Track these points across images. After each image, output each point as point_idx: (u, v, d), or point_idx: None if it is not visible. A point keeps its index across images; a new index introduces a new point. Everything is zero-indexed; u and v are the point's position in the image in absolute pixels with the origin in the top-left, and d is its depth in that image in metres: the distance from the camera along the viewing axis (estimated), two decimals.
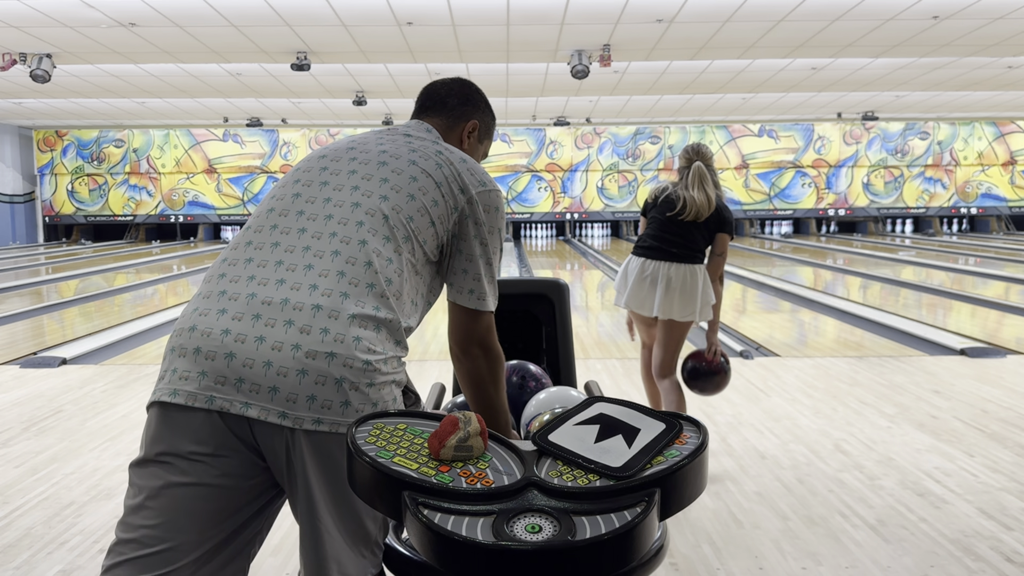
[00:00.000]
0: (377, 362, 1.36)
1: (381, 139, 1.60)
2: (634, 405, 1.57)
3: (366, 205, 1.46)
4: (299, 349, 1.31)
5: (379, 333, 1.38)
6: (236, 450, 1.34)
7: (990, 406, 4.20)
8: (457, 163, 1.56)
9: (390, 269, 1.43)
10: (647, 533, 1.26)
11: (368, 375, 1.35)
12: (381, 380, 1.38)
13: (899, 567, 2.43)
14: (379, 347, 1.38)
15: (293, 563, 2.49)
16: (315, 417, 1.31)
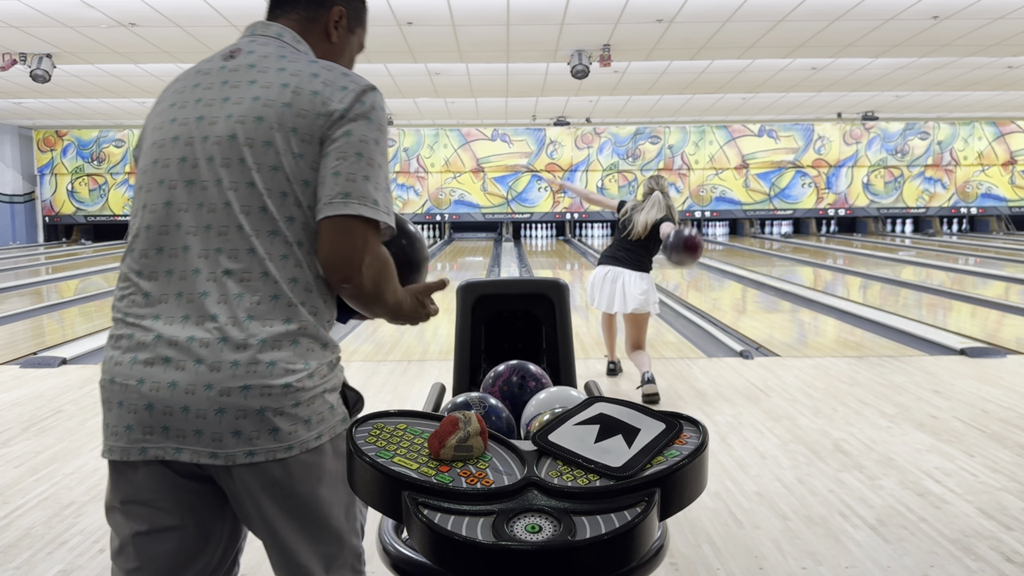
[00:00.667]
0: (299, 380, 1.28)
1: (226, 95, 1.34)
2: (634, 405, 1.57)
3: (239, 202, 1.30)
4: (212, 389, 1.24)
5: (296, 347, 1.29)
6: (189, 489, 1.31)
7: (990, 406, 4.20)
8: (307, 83, 1.32)
9: (289, 266, 1.31)
10: (647, 533, 1.27)
11: (291, 396, 1.28)
12: (309, 396, 1.30)
13: (899, 567, 2.43)
14: (298, 363, 1.29)
15: None
16: (246, 450, 1.25)
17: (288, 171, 1.29)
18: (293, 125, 1.30)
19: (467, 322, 2.63)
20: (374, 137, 1.32)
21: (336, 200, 1.27)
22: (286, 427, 1.27)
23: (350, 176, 1.28)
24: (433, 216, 19.36)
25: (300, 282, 1.31)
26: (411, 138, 19.25)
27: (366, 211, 1.28)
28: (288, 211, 1.30)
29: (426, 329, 7.00)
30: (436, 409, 2.35)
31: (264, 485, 1.28)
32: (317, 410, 1.31)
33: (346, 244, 1.28)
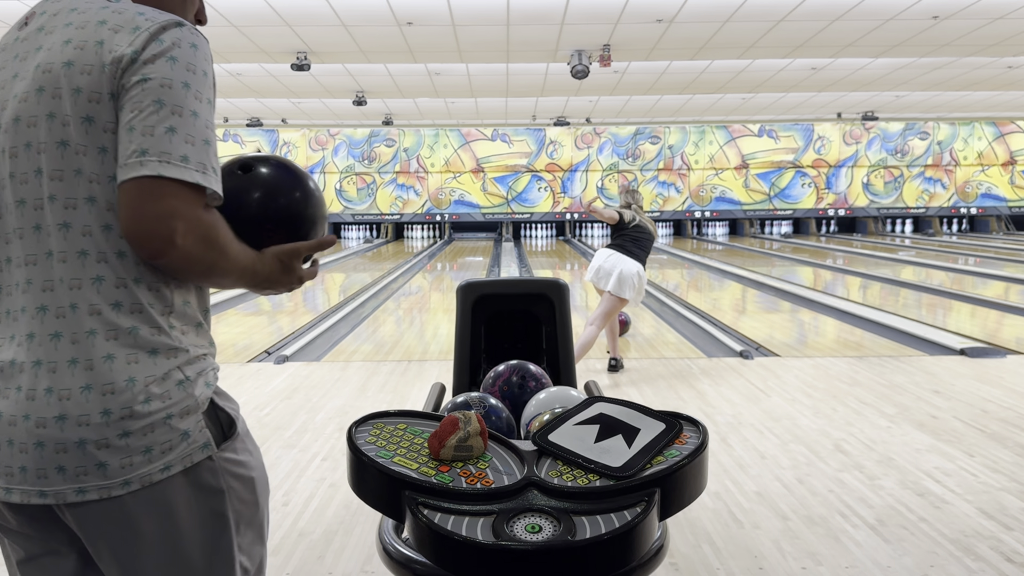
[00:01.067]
0: (124, 406, 1.05)
1: (15, 71, 1.13)
2: (634, 405, 1.57)
3: (31, 197, 1.08)
4: (29, 419, 1.06)
5: (113, 362, 1.06)
6: (49, 518, 1.13)
7: (990, 406, 4.20)
8: (92, 33, 1.08)
9: (89, 263, 1.07)
10: (647, 533, 1.27)
11: (116, 426, 1.05)
12: (143, 424, 1.06)
13: (899, 567, 2.43)
14: (121, 378, 1.06)
15: (293, 563, 2.49)
16: (76, 487, 1.06)
17: (76, 143, 1.06)
18: (77, 86, 1.06)
19: (467, 322, 2.63)
20: (181, 80, 1.05)
21: (131, 161, 1.02)
22: (116, 461, 1.05)
23: (147, 129, 1.03)
24: (433, 216, 19.36)
25: (110, 279, 1.07)
26: (411, 138, 19.25)
27: (169, 170, 1.02)
28: (86, 191, 1.06)
29: (426, 329, 7.00)
30: (436, 409, 2.35)
31: (103, 525, 1.08)
32: (160, 439, 1.07)
33: (148, 212, 1.02)
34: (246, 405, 4.31)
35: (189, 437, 1.10)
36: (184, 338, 1.13)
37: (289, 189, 1.25)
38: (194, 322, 1.16)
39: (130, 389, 1.06)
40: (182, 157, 1.04)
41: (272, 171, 1.26)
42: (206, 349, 1.18)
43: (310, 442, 3.67)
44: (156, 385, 1.07)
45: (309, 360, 5.55)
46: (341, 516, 2.83)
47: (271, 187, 1.23)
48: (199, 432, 1.11)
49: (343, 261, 14.05)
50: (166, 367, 1.09)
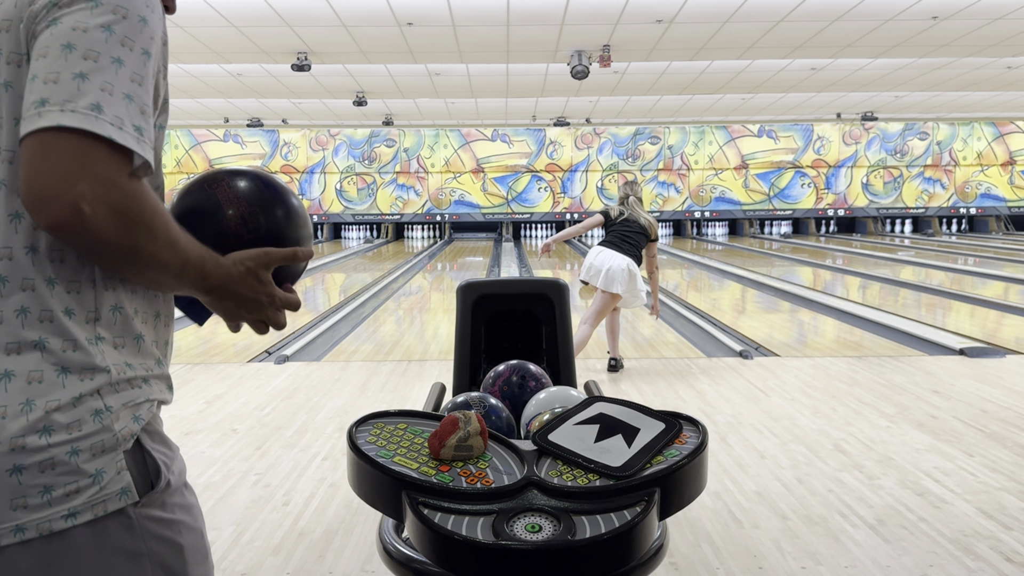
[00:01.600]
0: (15, 435, 0.84)
1: None
2: (634, 405, 1.57)
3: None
4: None
5: (9, 381, 0.86)
6: None
7: (989, 406, 4.21)
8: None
9: (20, 257, 0.89)
10: (647, 532, 1.27)
11: (4, 459, 0.84)
12: (39, 459, 0.85)
13: (898, 567, 2.44)
14: (16, 401, 0.86)
15: (293, 563, 2.50)
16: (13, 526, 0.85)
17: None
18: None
19: (467, 322, 2.64)
20: (99, 22, 0.86)
21: (29, 114, 0.83)
22: (3, 502, 0.84)
23: (49, 76, 0.84)
24: (433, 216, 19.36)
25: (14, 279, 0.89)
26: (411, 138, 19.26)
27: (73, 119, 0.82)
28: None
29: (426, 329, 7.00)
30: (436, 409, 2.36)
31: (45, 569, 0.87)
32: (62, 479, 0.86)
33: (45, 170, 0.81)
34: (246, 405, 4.32)
35: (102, 480, 0.88)
36: (111, 355, 0.91)
37: (269, 206, 1.09)
38: (131, 335, 0.94)
39: (25, 415, 0.85)
40: (92, 105, 0.83)
41: (248, 185, 1.09)
42: (145, 372, 0.96)
43: (310, 442, 3.68)
44: (61, 413, 0.86)
45: (309, 360, 5.56)
46: (341, 516, 2.83)
47: (246, 203, 1.07)
48: (116, 475, 0.89)
49: (343, 261, 14.06)
50: (78, 390, 0.87)
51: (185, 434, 3.81)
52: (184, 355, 5.72)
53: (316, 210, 19.37)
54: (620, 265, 4.97)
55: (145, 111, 0.89)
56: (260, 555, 2.54)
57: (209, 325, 7.19)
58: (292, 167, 19.28)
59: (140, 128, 0.87)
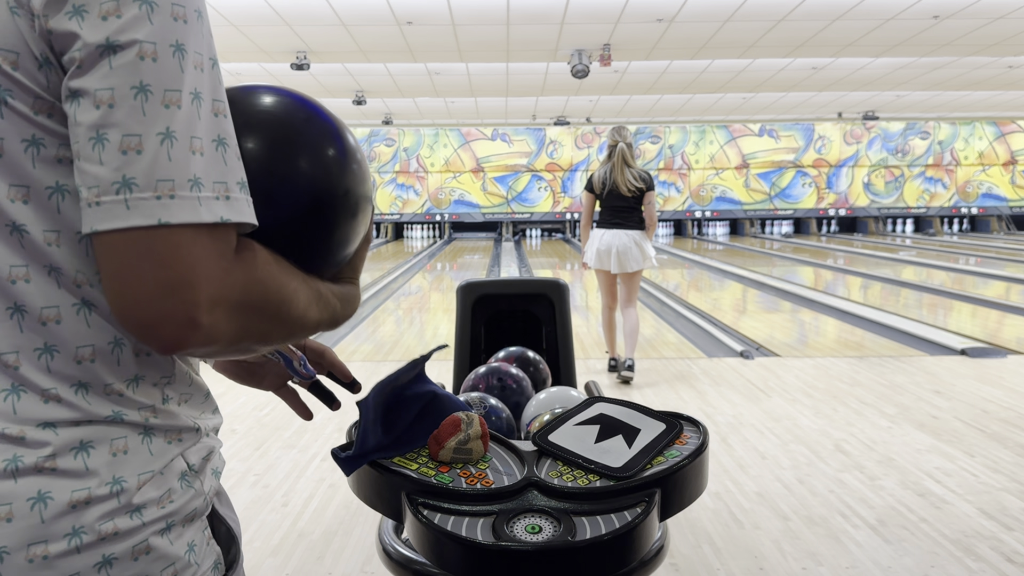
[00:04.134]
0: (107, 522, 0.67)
1: None
2: (634, 405, 1.57)
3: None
4: None
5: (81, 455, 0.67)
6: None
7: (991, 406, 4.20)
8: None
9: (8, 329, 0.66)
10: (647, 533, 1.26)
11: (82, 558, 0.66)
12: (139, 540, 0.68)
13: (899, 567, 2.43)
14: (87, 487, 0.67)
15: (293, 563, 2.49)
16: None
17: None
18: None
19: (467, 322, 2.63)
20: (168, 38, 0.63)
21: (105, 199, 0.61)
22: None
23: (127, 142, 0.61)
24: (433, 216, 19.36)
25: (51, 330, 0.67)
26: (411, 138, 19.26)
27: (176, 211, 0.62)
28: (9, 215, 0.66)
29: (426, 329, 7.00)
30: None
31: None
32: (157, 566, 0.70)
33: (146, 286, 0.62)
34: (245, 405, 4.31)
35: (196, 556, 0.74)
36: (186, 409, 0.76)
37: (315, 143, 0.77)
38: (192, 383, 0.78)
39: (115, 494, 0.68)
40: (191, 182, 0.63)
41: (279, 109, 0.77)
42: (208, 421, 0.80)
43: (310, 442, 3.67)
44: (151, 485, 0.71)
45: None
46: (341, 516, 2.82)
47: (348, 150, 0.78)
48: (207, 547, 0.76)
49: None
50: (167, 455, 0.73)
51: None
52: None
53: None
54: (626, 243, 4.81)
55: (233, 145, 0.68)
56: (259, 556, 2.53)
57: None
58: None
59: (240, 181, 0.67)
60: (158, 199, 0.61)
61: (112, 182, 0.61)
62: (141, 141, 0.61)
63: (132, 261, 0.62)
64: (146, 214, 0.61)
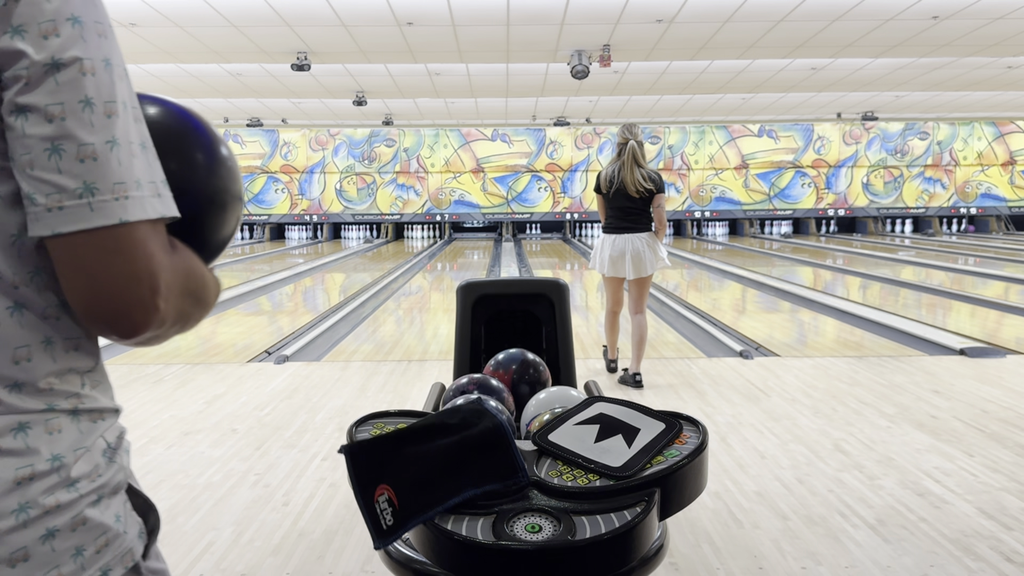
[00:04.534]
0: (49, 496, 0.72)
1: None
2: (634, 405, 1.57)
3: None
4: None
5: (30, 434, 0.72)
6: None
7: (990, 406, 4.21)
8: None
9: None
10: (647, 533, 1.27)
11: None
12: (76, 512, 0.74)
13: (899, 567, 2.43)
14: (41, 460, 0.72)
15: (293, 563, 2.49)
16: None
17: None
18: None
19: (467, 322, 2.64)
20: (101, 53, 0.70)
21: (69, 204, 0.68)
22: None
23: (84, 150, 0.68)
24: (433, 216, 19.36)
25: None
26: (411, 138, 19.26)
27: (133, 209, 0.70)
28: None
29: (426, 329, 7.00)
30: (436, 409, 2.35)
31: None
32: (91, 535, 0.75)
33: (116, 280, 0.70)
34: (246, 405, 4.32)
35: (124, 525, 0.79)
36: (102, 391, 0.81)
37: (225, 159, 0.88)
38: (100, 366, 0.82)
39: (55, 470, 0.74)
40: (136, 183, 0.71)
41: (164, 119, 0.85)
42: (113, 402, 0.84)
43: (310, 442, 3.68)
44: (84, 461, 0.77)
45: (309, 360, 5.55)
46: (341, 516, 2.83)
47: (216, 156, 0.88)
48: (130, 517, 0.81)
49: (343, 261, 14.06)
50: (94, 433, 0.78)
51: (185, 434, 3.81)
52: (184, 355, 5.72)
53: (316, 210, 19.37)
54: (639, 247, 4.61)
55: (150, 143, 0.75)
56: (260, 555, 2.54)
57: (209, 325, 7.13)
58: (292, 167, 19.28)
59: (163, 178, 0.75)
60: (116, 200, 0.69)
61: (75, 188, 0.68)
62: (95, 149, 0.68)
63: (100, 257, 0.69)
64: (108, 214, 0.69)
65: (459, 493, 1.26)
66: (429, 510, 1.25)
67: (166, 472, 3.29)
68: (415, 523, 1.25)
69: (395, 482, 1.25)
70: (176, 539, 2.65)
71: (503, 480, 1.30)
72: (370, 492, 1.24)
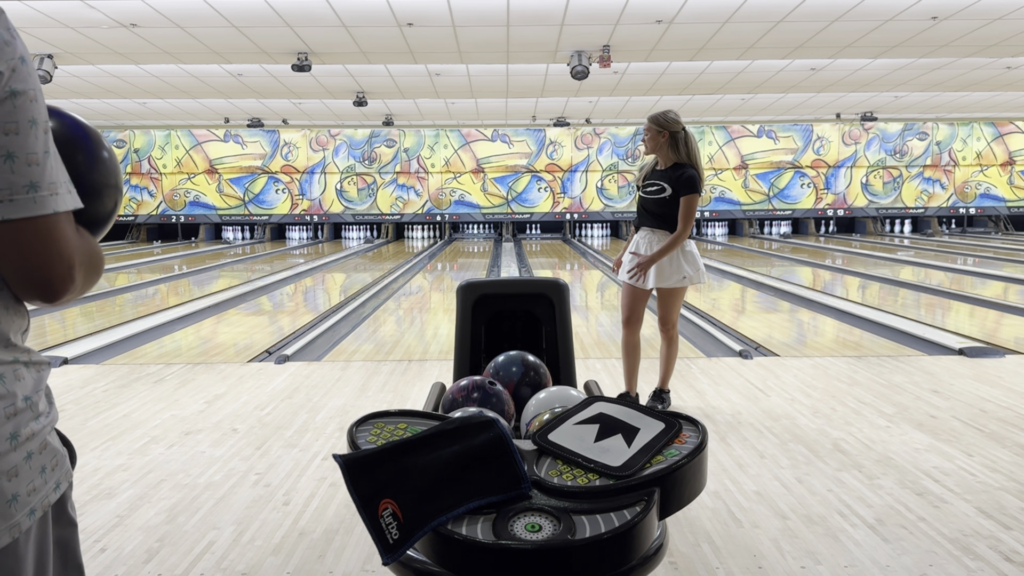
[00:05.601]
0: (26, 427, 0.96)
1: None
2: (633, 405, 1.58)
3: None
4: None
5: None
6: None
7: (989, 406, 4.21)
8: None
9: None
10: (646, 532, 1.28)
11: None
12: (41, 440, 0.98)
13: (898, 566, 2.44)
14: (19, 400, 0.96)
15: (293, 562, 2.50)
16: None
17: None
18: None
19: (467, 322, 2.64)
20: (35, 86, 0.93)
21: (19, 197, 0.90)
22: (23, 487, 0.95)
23: (31, 157, 0.91)
24: (433, 216, 19.36)
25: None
26: (411, 139, 19.26)
27: (60, 202, 0.93)
28: None
29: (426, 329, 7.01)
30: (436, 409, 2.36)
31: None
32: (48, 457, 1.00)
33: (50, 257, 0.93)
34: (247, 405, 4.32)
35: (62, 453, 1.03)
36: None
37: (102, 156, 1.08)
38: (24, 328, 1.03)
39: (29, 407, 0.98)
40: (60, 183, 0.93)
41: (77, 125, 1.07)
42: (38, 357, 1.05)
43: (311, 442, 3.68)
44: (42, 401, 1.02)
45: (310, 360, 5.56)
46: (342, 515, 2.84)
47: (91, 151, 1.07)
48: (63, 448, 1.03)
49: (343, 261, 14.06)
50: (39, 380, 1.02)
51: (185, 434, 3.82)
52: (184, 355, 5.72)
53: (316, 210, 19.37)
54: (675, 260, 3.95)
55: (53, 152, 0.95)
56: (260, 555, 2.55)
57: (209, 325, 7.11)
58: (292, 167, 19.28)
59: (68, 179, 0.96)
60: (51, 196, 0.92)
61: (23, 185, 0.90)
62: (38, 157, 0.91)
63: (35, 239, 0.91)
64: (46, 206, 0.91)
65: (463, 504, 1.27)
66: (433, 521, 1.26)
67: (167, 472, 3.30)
68: (421, 535, 1.25)
69: (398, 495, 1.26)
70: (177, 538, 2.66)
71: (506, 491, 1.31)
72: (373, 507, 1.25)
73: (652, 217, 4.01)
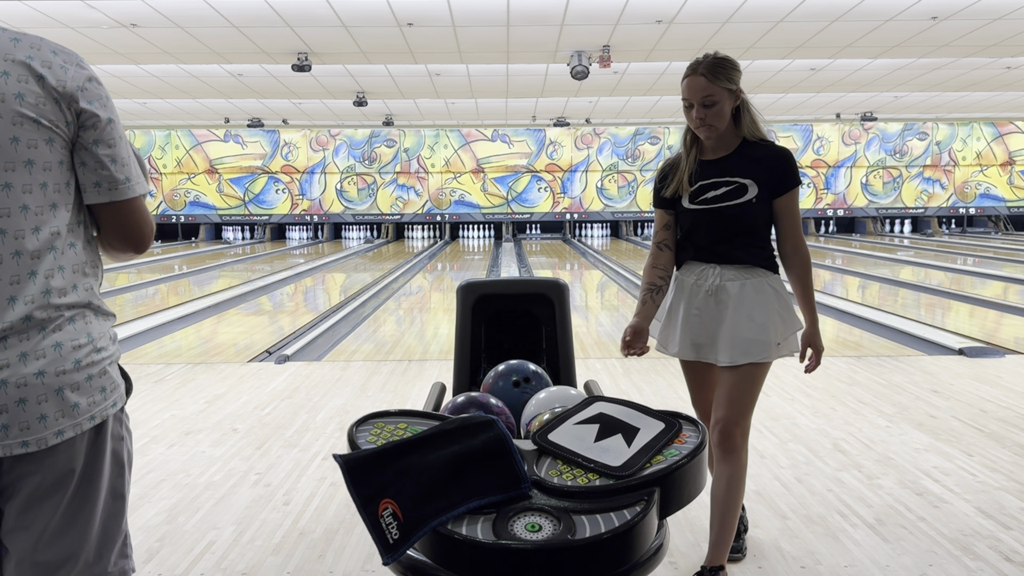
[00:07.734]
0: (90, 355, 1.34)
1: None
2: (633, 404, 1.58)
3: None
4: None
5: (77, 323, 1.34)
6: None
7: (988, 406, 4.21)
8: (41, 64, 1.27)
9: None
10: (646, 532, 1.28)
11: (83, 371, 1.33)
12: (101, 368, 1.36)
13: (897, 566, 2.44)
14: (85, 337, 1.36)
15: (294, 562, 2.50)
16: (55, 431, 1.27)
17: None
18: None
19: (467, 322, 2.65)
20: (117, 113, 1.39)
21: (122, 186, 1.36)
22: (89, 395, 1.32)
23: (123, 160, 1.36)
24: (433, 216, 19.37)
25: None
26: (411, 139, 19.26)
27: (141, 188, 1.40)
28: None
29: (426, 329, 7.01)
30: (436, 409, 2.36)
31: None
32: (108, 381, 1.37)
33: (145, 224, 1.41)
34: (247, 405, 4.33)
35: (119, 383, 1.40)
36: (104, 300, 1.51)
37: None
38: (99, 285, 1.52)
39: (92, 343, 1.37)
40: (139, 175, 1.40)
41: None
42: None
43: (311, 441, 3.68)
44: (106, 339, 1.40)
45: (310, 360, 5.56)
46: (342, 515, 2.84)
47: None
48: (121, 379, 1.41)
49: (344, 261, 14.06)
50: (108, 325, 1.42)
51: (186, 434, 3.82)
52: (185, 355, 5.72)
53: (317, 210, 19.38)
54: (745, 311, 2.27)
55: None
56: (260, 554, 2.55)
57: (210, 324, 7.12)
58: (292, 167, 19.29)
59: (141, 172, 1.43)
60: (137, 184, 1.38)
61: (122, 178, 1.36)
62: (127, 159, 1.37)
63: (133, 213, 1.39)
64: (135, 191, 1.38)
65: (463, 504, 1.27)
66: (434, 521, 1.26)
67: (167, 471, 3.30)
68: (421, 535, 1.26)
69: (398, 496, 1.26)
70: (177, 538, 2.66)
71: (506, 491, 1.31)
72: (373, 507, 1.25)
73: (722, 243, 2.29)
